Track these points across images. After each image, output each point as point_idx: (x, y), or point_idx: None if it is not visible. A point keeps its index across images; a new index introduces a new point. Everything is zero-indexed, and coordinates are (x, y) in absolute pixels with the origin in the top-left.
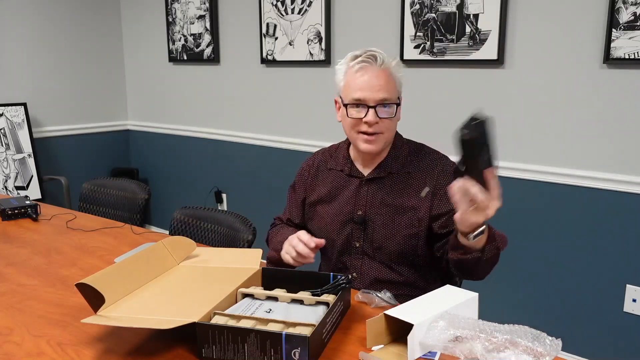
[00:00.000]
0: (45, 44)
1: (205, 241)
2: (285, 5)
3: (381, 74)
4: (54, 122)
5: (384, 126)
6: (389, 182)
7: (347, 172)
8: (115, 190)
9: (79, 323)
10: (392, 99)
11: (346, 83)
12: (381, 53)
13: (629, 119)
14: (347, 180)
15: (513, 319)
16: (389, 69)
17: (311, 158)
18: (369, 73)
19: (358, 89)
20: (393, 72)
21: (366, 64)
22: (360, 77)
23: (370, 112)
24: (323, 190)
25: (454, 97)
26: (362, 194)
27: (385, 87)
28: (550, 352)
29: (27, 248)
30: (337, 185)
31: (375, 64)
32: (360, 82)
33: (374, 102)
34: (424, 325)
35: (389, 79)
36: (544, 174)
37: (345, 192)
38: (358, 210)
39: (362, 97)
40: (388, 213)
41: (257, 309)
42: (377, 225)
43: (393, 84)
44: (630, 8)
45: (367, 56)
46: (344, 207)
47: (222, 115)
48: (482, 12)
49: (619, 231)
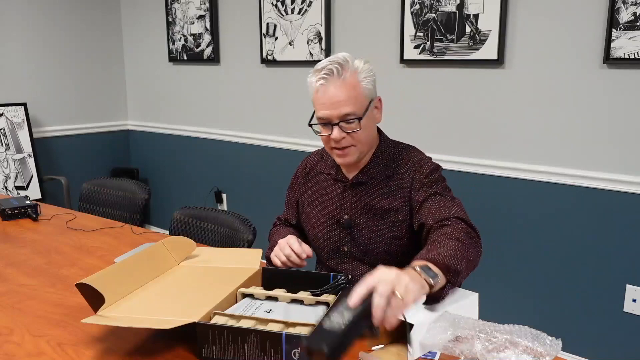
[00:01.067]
0: (46, 44)
1: (205, 241)
2: (285, 5)
3: (342, 87)
4: (54, 122)
5: (353, 139)
6: (370, 186)
7: (333, 177)
8: (115, 190)
9: (79, 323)
10: (356, 112)
11: (313, 98)
12: (343, 62)
13: (629, 119)
14: (333, 184)
15: (513, 319)
16: (353, 77)
17: (305, 159)
18: (329, 89)
19: (320, 107)
20: (360, 78)
21: (326, 79)
22: (321, 94)
23: (335, 130)
24: (313, 193)
25: (454, 97)
26: (346, 198)
27: (346, 101)
28: (550, 352)
29: (27, 248)
30: (324, 189)
31: (334, 77)
32: (321, 100)
33: (337, 119)
34: (424, 325)
35: (351, 92)
36: (544, 174)
37: (331, 196)
38: (344, 214)
39: (324, 116)
40: (371, 216)
41: (257, 309)
42: (362, 229)
43: (358, 94)
44: (630, 8)
45: (327, 70)
46: (331, 211)
47: (222, 115)
48: (482, 12)
49: (619, 231)
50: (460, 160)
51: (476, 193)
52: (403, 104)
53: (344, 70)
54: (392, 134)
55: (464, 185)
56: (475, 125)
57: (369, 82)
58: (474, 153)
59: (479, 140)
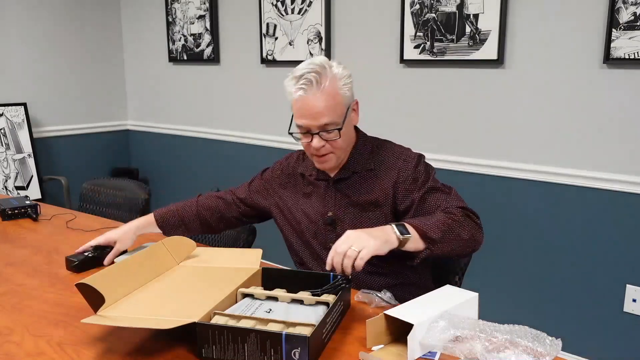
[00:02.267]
0: (46, 44)
1: (205, 241)
2: (285, 5)
3: (321, 98)
4: (54, 122)
5: (332, 147)
6: (353, 181)
7: (315, 177)
8: (115, 190)
9: (79, 323)
10: (336, 121)
11: (291, 106)
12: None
13: (629, 119)
14: (315, 184)
15: (513, 319)
16: (332, 85)
17: (285, 160)
18: (308, 100)
19: (299, 117)
20: (338, 85)
21: (304, 89)
22: (300, 104)
23: (315, 139)
24: (295, 194)
25: (454, 97)
26: (330, 196)
27: (326, 111)
28: (550, 352)
29: (27, 248)
30: (307, 191)
31: (313, 88)
32: (299, 110)
33: (317, 129)
34: (424, 325)
35: (330, 101)
36: (544, 174)
37: (315, 196)
38: (328, 211)
39: (304, 125)
40: (355, 211)
41: (257, 309)
42: (346, 225)
43: (336, 103)
44: (630, 8)
45: (306, 80)
46: (315, 210)
47: (222, 115)
48: (482, 12)
49: (619, 231)
50: (460, 160)
51: (476, 193)
52: (403, 104)
53: (323, 79)
54: (392, 134)
55: (464, 185)
56: (475, 125)
57: (348, 89)
58: (474, 153)
59: (479, 140)
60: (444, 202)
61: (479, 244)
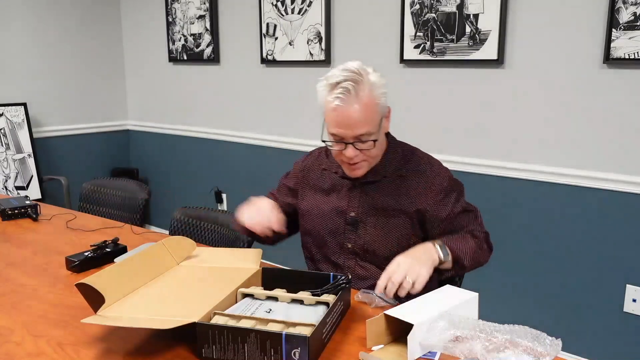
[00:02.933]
0: (45, 44)
1: (205, 241)
2: (285, 5)
3: (358, 109)
4: (54, 122)
5: (366, 155)
6: (382, 185)
7: (341, 174)
8: (115, 190)
9: (79, 323)
10: (372, 131)
11: (324, 112)
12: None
13: (629, 119)
14: (340, 181)
15: (513, 319)
16: (369, 94)
17: (307, 157)
18: (345, 109)
19: (334, 126)
20: (375, 95)
21: (342, 100)
22: (336, 114)
23: (349, 149)
24: (316, 190)
25: (454, 97)
26: (355, 196)
27: (363, 121)
28: (550, 352)
29: (27, 248)
30: (331, 187)
31: (351, 97)
32: (336, 119)
33: (352, 139)
34: (424, 325)
35: (367, 112)
36: (544, 174)
37: (338, 193)
38: (351, 212)
39: (338, 134)
40: (380, 216)
41: (257, 309)
42: (368, 228)
43: (373, 113)
44: (630, 8)
45: (343, 90)
46: (338, 208)
47: (222, 115)
48: (482, 12)
49: (619, 231)
50: (460, 160)
51: (476, 193)
52: (403, 104)
53: (360, 88)
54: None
55: None
56: (475, 125)
57: (384, 98)
58: (474, 153)
59: (479, 140)
60: (471, 225)
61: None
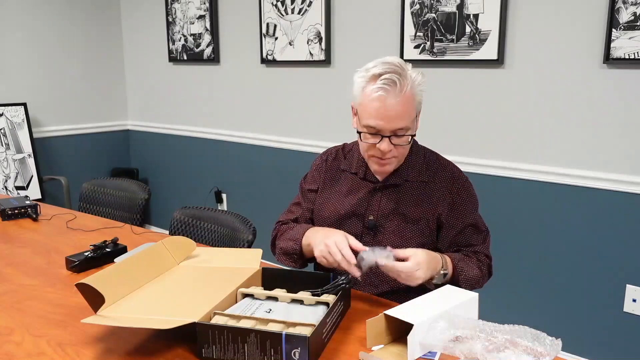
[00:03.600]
0: (46, 44)
1: (205, 241)
2: (285, 5)
3: (400, 102)
4: (54, 122)
5: (398, 152)
6: (404, 190)
7: (361, 176)
8: (115, 190)
9: (79, 323)
10: (409, 127)
11: (362, 103)
12: (402, 74)
13: (629, 119)
14: (360, 183)
15: (513, 319)
16: (411, 91)
17: (323, 155)
18: (387, 102)
19: (373, 117)
20: (415, 92)
21: (385, 91)
22: (377, 105)
23: (385, 142)
24: (334, 191)
25: (454, 97)
26: (375, 200)
27: (402, 115)
28: (550, 352)
29: (27, 248)
30: (350, 188)
31: (395, 90)
32: (376, 110)
33: (390, 132)
34: (424, 325)
35: (407, 106)
36: (544, 174)
37: (357, 195)
38: (370, 215)
39: (376, 126)
40: (400, 221)
41: (257, 309)
42: (387, 232)
43: (412, 109)
44: (630, 8)
45: (388, 81)
46: (356, 210)
47: (222, 115)
48: (482, 12)
49: (619, 231)
50: (460, 160)
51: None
52: None
53: (404, 81)
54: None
55: None
56: (475, 125)
57: (421, 94)
58: (474, 153)
59: (479, 140)
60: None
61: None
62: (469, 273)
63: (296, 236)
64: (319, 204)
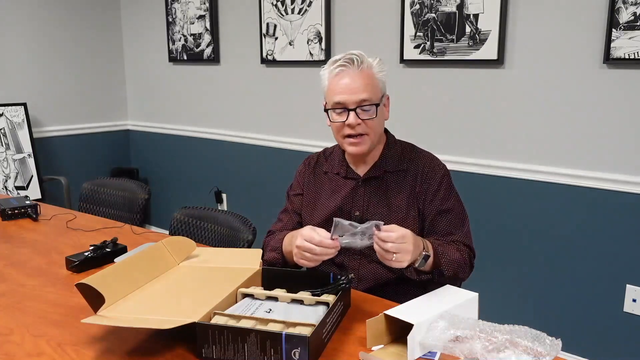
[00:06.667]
0: (46, 44)
1: (205, 241)
2: (285, 5)
3: (360, 75)
4: (54, 122)
5: (367, 127)
6: (385, 181)
7: (343, 175)
8: (115, 190)
9: (79, 323)
10: (373, 99)
11: (328, 88)
12: (360, 55)
13: (629, 119)
14: (343, 182)
15: (513, 319)
16: (369, 69)
17: (305, 161)
18: (347, 76)
19: (338, 93)
20: (375, 72)
21: (344, 67)
22: (339, 80)
23: (351, 115)
24: (320, 193)
25: (454, 97)
26: (359, 195)
27: (364, 88)
28: (550, 352)
29: (27, 248)
30: (334, 188)
31: (353, 66)
32: (339, 85)
33: (354, 104)
34: (424, 325)
35: (368, 80)
36: (544, 174)
37: (342, 193)
38: (355, 211)
39: (341, 100)
40: (384, 213)
41: (257, 309)
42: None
43: (374, 84)
44: (630, 8)
45: (346, 60)
46: (342, 208)
47: (222, 115)
48: (482, 12)
49: (619, 231)
50: (460, 160)
51: (476, 193)
52: (403, 104)
53: (362, 61)
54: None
55: (464, 185)
56: (475, 125)
57: (383, 77)
58: (474, 153)
59: (479, 140)
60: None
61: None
62: (451, 256)
63: (276, 246)
64: (306, 208)
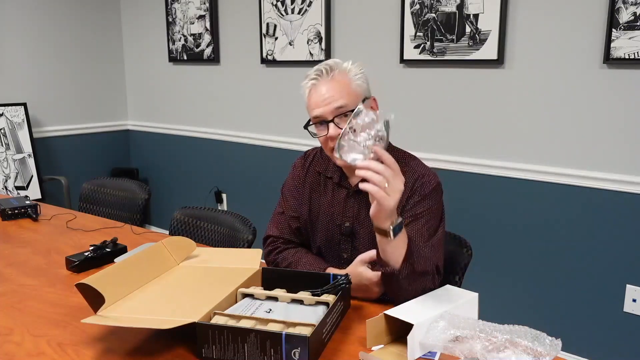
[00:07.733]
0: (46, 44)
1: (205, 241)
2: (285, 5)
3: (332, 84)
4: (54, 122)
5: None
6: None
7: (336, 181)
8: (115, 190)
9: (79, 323)
10: (350, 105)
11: (306, 104)
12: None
13: (629, 119)
14: (336, 189)
15: (513, 319)
16: (343, 75)
17: (302, 158)
18: (319, 88)
19: (314, 107)
20: (350, 76)
21: (316, 80)
22: (313, 94)
23: (331, 127)
24: (313, 196)
25: (454, 97)
26: (349, 205)
27: (339, 95)
28: (550, 352)
29: (27, 248)
30: (325, 194)
31: (324, 77)
32: (313, 99)
33: (331, 114)
34: (424, 325)
35: (343, 87)
36: (544, 174)
37: (333, 202)
38: (346, 221)
39: (318, 114)
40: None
41: (257, 309)
42: (362, 238)
43: (350, 90)
44: (630, 8)
45: (316, 72)
46: (333, 218)
47: (222, 115)
48: (482, 12)
49: (619, 231)
50: (460, 160)
51: (476, 193)
52: (403, 104)
53: (333, 70)
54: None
55: (464, 185)
56: (475, 125)
57: (361, 80)
58: (474, 153)
59: (479, 140)
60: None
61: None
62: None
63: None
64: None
